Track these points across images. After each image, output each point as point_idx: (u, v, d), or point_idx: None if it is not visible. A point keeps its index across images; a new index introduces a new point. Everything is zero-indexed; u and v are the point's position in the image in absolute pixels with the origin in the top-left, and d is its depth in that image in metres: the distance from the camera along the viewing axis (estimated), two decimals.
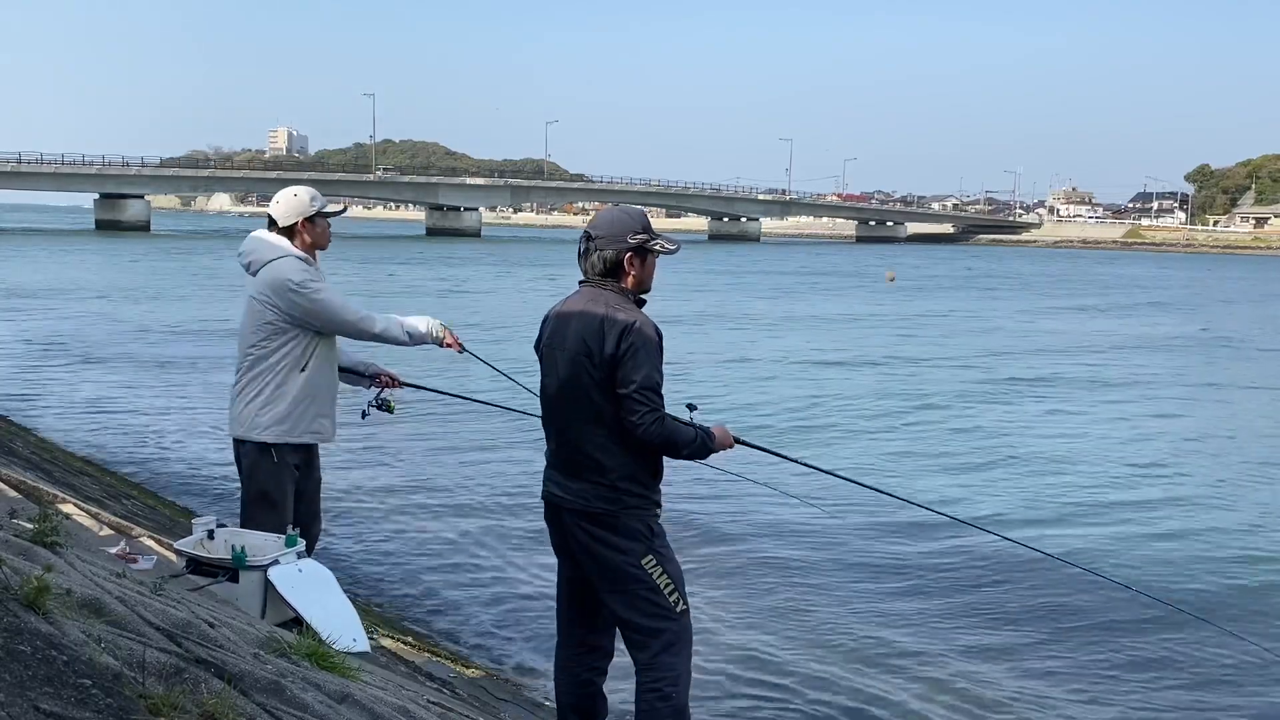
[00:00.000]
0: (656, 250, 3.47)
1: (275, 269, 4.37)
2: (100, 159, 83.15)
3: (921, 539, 8.31)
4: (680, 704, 3.37)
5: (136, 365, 16.77)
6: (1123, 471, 11.10)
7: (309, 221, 4.49)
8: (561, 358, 3.39)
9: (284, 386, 4.38)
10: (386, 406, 4.70)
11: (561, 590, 3.61)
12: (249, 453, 4.42)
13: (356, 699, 2.75)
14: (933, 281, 50.03)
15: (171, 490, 9.11)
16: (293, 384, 4.38)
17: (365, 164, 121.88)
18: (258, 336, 4.40)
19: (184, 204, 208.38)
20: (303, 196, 4.52)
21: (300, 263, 4.41)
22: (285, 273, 4.35)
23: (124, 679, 1.97)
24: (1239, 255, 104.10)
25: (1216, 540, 8.65)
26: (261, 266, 4.42)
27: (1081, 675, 5.97)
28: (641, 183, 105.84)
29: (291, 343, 4.38)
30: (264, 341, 4.39)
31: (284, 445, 4.41)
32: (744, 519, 8.83)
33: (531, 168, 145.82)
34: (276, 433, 4.38)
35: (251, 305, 4.41)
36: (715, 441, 3.48)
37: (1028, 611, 6.91)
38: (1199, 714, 5.57)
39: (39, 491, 5.64)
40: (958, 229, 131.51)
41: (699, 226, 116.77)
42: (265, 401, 4.37)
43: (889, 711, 5.46)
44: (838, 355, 20.68)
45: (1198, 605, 6.77)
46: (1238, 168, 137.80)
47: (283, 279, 4.33)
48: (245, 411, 4.39)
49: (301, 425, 4.42)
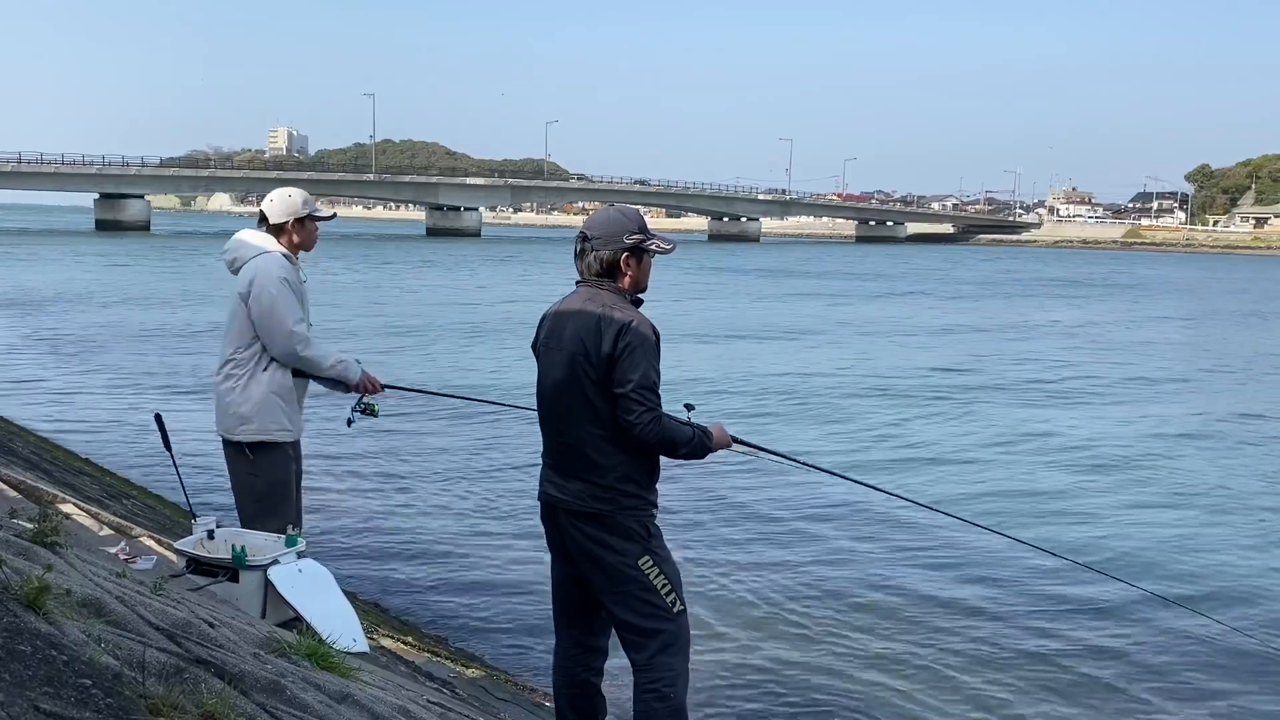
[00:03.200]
0: (652, 250, 3.48)
1: (258, 264, 4.42)
2: (100, 159, 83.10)
3: (927, 540, 8.32)
4: (678, 704, 3.37)
5: (137, 365, 16.77)
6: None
7: (299, 222, 4.56)
8: (558, 357, 3.39)
9: (268, 384, 4.40)
10: (370, 411, 4.67)
11: (557, 590, 3.61)
12: (249, 452, 4.42)
13: (356, 699, 2.76)
14: (1031, 287, 47.17)
15: (171, 490, 9.10)
16: (282, 380, 4.42)
17: (365, 164, 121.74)
18: (241, 332, 4.42)
19: (184, 204, 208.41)
20: (296, 198, 4.58)
21: (285, 260, 4.47)
22: (268, 267, 4.40)
23: (124, 679, 1.97)
24: (1239, 255, 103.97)
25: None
26: (245, 263, 4.46)
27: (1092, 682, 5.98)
28: (641, 183, 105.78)
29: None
30: (238, 337, 4.42)
31: (286, 443, 4.45)
32: (745, 519, 8.83)
33: (531, 168, 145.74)
34: (261, 431, 4.40)
35: (238, 304, 4.43)
36: (713, 441, 3.48)
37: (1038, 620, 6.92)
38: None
39: (39, 491, 5.64)
40: (958, 229, 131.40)
41: (699, 226, 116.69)
42: (260, 399, 4.39)
43: (889, 712, 5.47)
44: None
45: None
46: (1238, 168, 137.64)
47: (263, 271, 4.38)
48: (241, 411, 4.39)
49: (296, 421, 4.48)
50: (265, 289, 4.35)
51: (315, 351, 4.43)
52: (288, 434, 4.45)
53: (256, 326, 4.38)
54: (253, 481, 4.46)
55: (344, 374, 4.52)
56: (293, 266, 4.50)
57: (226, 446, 4.49)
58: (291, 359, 4.41)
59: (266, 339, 4.38)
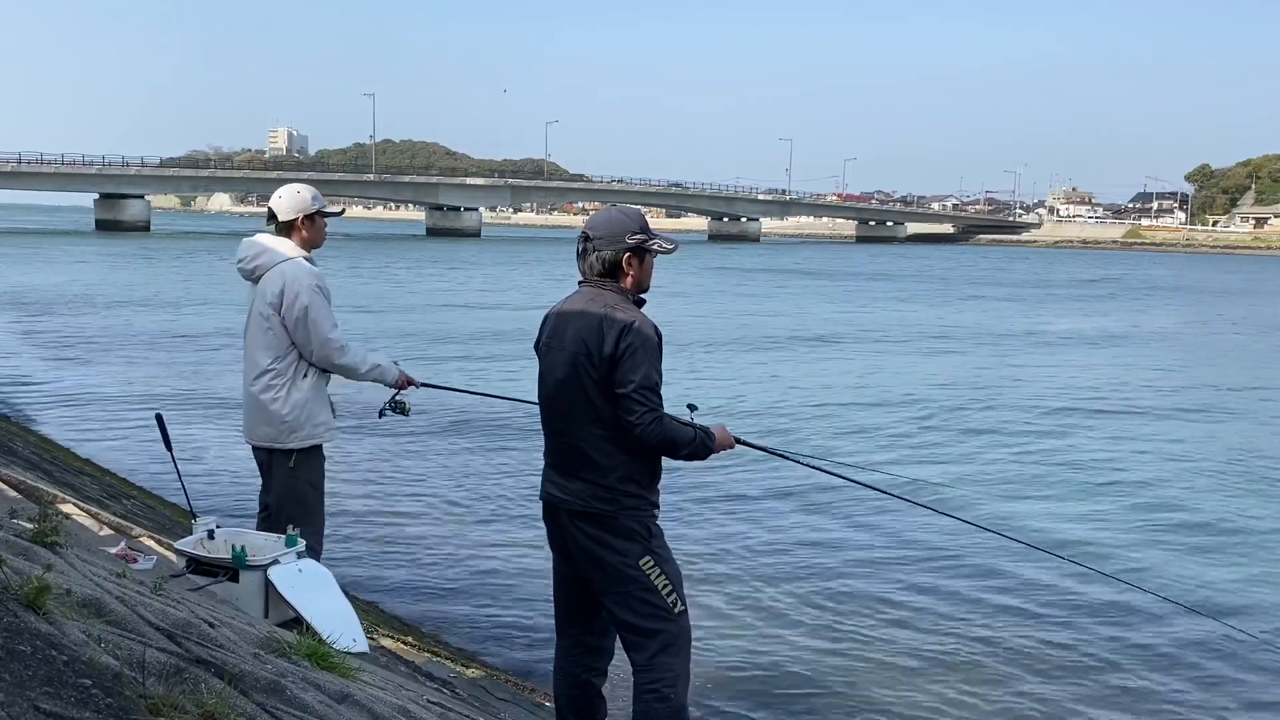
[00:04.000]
0: (654, 250, 3.47)
1: (286, 272, 4.41)
2: (100, 159, 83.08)
3: (936, 540, 8.31)
4: (679, 705, 3.36)
5: (137, 365, 16.77)
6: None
7: (309, 219, 4.55)
8: (560, 358, 3.39)
9: (299, 391, 4.43)
10: (402, 409, 4.72)
11: (558, 590, 3.61)
12: (293, 459, 4.46)
13: (356, 699, 2.75)
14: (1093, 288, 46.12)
15: (171, 490, 9.10)
16: (304, 388, 4.45)
17: (365, 164, 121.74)
18: (277, 341, 4.41)
19: (184, 204, 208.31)
20: (305, 194, 4.58)
21: (311, 266, 4.48)
22: (299, 275, 4.40)
23: (124, 679, 1.97)
24: (1239, 255, 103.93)
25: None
26: (270, 269, 4.44)
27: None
28: (641, 183, 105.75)
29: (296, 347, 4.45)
30: (272, 346, 4.41)
31: (318, 447, 4.52)
32: (746, 519, 8.83)
33: (531, 168, 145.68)
34: (300, 438, 4.44)
35: (261, 311, 4.41)
36: (715, 442, 3.48)
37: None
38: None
39: (39, 491, 5.64)
40: (958, 229, 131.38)
41: (699, 226, 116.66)
42: (304, 405, 4.42)
43: (891, 712, 5.46)
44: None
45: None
46: (1238, 168, 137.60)
47: (295, 279, 4.38)
48: (287, 419, 4.41)
49: (330, 425, 4.55)
50: (299, 298, 4.36)
51: (352, 358, 4.50)
52: (332, 433, 4.56)
53: (293, 335, 4.40)
54: (295, 485, 4.50)
55: (381, 378, 4.62)
56: (318, 270, 4.51)
57: (263, 453, 4.50)
58: (330, 366, 4.48)
59: (304, 347, 4.43)
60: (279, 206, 4.53)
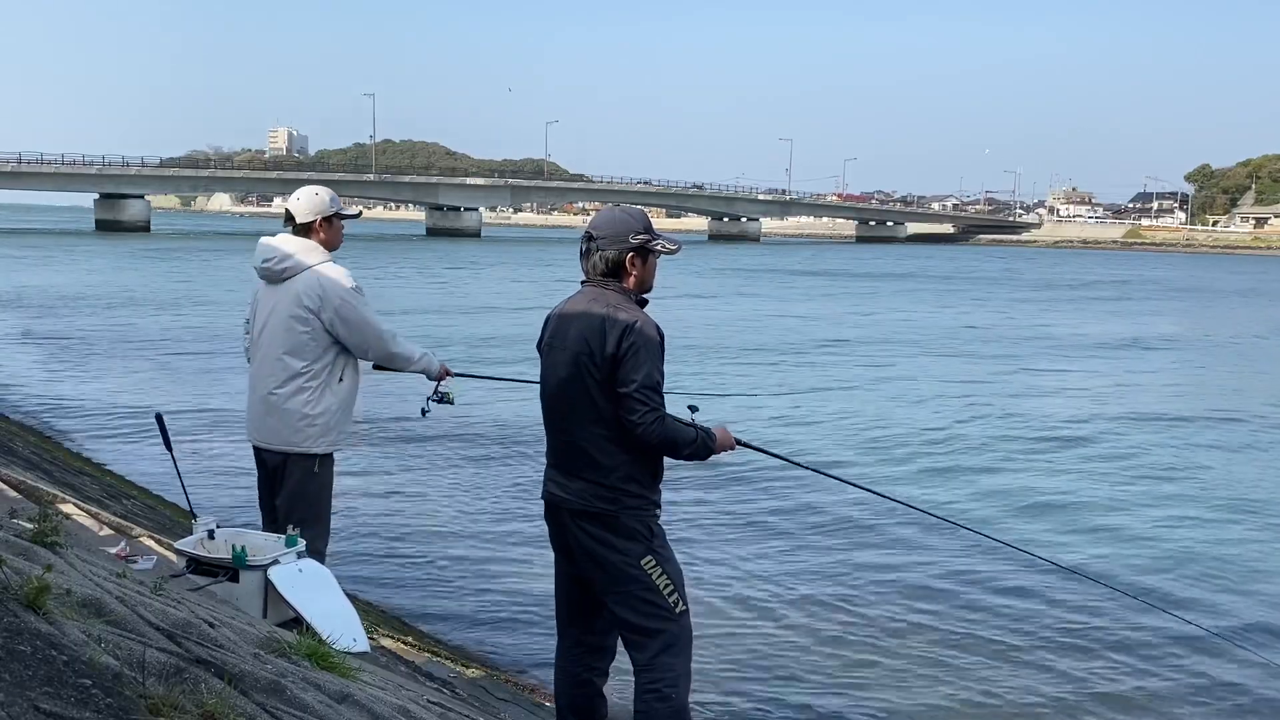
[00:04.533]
0: (658, 250, 3.47)
1: (322, 277, 4.39)
2: (100, 159, 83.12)
3: (935, 541, 8.31)
4: (680, 705, 3.36)
5: (137, 366, 16.77)
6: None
7: (327, 221, 4.54)
8: (562, 357, 3.39)
9: (333, 396, 4.44)
10: (447, 399, 4.73)
11: (560, 590, 3.61)
12: (317, 463, 4.46)
13: (356, 699, 2.75)
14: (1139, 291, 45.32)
15: (171, 490, 9.10)
16: (339, 392, 4.46)
17: (365, 164, 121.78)
18: (307, 345, 4.38)
19: (184, 204, 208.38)
20: (323, 196, 4.58)
21: (341, 267, 4.48)
22: (336, 278, 4.40)
23: (124, 679, 1.97)
24: (1239, 255, 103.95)
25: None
26: (301, 272, 4.41)
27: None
28: (641, 183, 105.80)
29: (333, 350, 4.43)
30: (306, 350, 4.39)
31: (331, 454, 4.52)
32: (746, 521, 8.83)
33: (531, 168, 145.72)
34: (327, 442, 4.45)
35: (292, 314, 4.37)
36: (716, 443, 3.47)
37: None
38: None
39: (39, 491, 5.63)
40: (958, 229, 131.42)
41: (699, 226, 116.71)
42: (317, 412, 4.40)
43: (893, 712, 5.46)
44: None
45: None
46: (1238, 168, 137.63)
47: (334, 282, 4.37)
48: (317, 423, 4.40)
49: (347, 432, 4.55)
50: (345, 301, 4.37)
51: (404, 348, 4.55)
52: (355, 438, 4.56)
53: (344, 338, 4.40)
54: (310, 489, 4.50)
55: (428, 368, 4.65)
56: (349, 270, 4.52)
57: (277, 456, 4.47)
58: (387, 358, 4.52)
59: (361, 347, 4.45)
60: (297, 208, 4.51)
